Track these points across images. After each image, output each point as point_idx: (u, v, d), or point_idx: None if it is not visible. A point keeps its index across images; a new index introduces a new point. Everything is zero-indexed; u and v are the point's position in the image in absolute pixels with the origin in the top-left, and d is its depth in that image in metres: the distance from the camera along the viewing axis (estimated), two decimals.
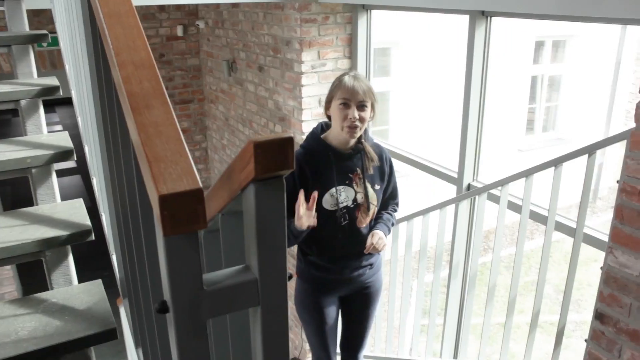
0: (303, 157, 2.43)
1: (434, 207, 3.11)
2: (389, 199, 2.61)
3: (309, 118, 4.15)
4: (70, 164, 11.68)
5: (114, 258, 1.79)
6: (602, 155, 8.95)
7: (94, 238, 1.81)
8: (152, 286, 1.22)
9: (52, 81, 2.30)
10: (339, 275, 2.57)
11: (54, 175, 2.09)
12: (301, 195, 2.25)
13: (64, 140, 2.13)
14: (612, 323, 2.07)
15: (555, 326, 2.53)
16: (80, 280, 1.92)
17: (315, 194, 2.26)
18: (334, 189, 2.42)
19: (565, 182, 2.37)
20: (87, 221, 1.85)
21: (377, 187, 2.51)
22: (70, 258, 1.86)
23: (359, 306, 2.71)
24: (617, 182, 1.98)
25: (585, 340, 2.21)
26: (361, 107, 2.32)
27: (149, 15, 5.89)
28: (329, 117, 2.44)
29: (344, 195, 2.43)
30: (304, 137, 4.17)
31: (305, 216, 2.23)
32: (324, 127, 2.52)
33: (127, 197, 1.18)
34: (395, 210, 2.66)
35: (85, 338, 1.53)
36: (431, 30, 7.93)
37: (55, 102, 17.01)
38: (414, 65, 8.06)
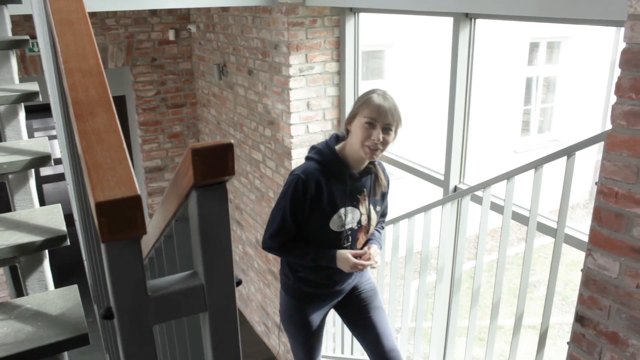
0: (321, 174, 2.31)
1: (418, 210, 3.11)
2: (381, 216, 2.58)
3: (297, 121, 4.15)
4: (59, 169, 11.68)
5: (86, 264, 1.79)
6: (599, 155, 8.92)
7: (69, 243, 1.81)
8: None
9: (32, 87, 2.30)
10: (330, 289, 2.53)
11: (31, 181, 2.09)
12: (360, 252, 2.35)
13: (42, 145, 2.13)
14: (592, 325, 2.07)
15: (551, 327, 2.52)
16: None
17: (368, 252, 2.36)
18: (343, 210, 2.35)
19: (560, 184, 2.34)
20: (62, 227, 1.85)
21: (378, 208, 2.48)
22: (46, 263, 1.86)
23: (358, 303, 2.63)
24: (596, 184, 1.98)
25: (568, 343, 2.21)
26: (386, 129, 2.22)
27: (140, 19, 5.90)
28: (347, 131, 2.33)
29: (350, 216, 2.37)
30: (293, 140, 4.18)
31: (353, 266, 2.32)
32: (338, 138, 2.41)
33: (84, 204, 1.19)
34: (383, 228, 2.65)
35: (56, 344, 1.52)
36: (424, 32, 7.93)
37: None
38: (408, 67, 8.06)
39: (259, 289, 5.51)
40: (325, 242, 2.37)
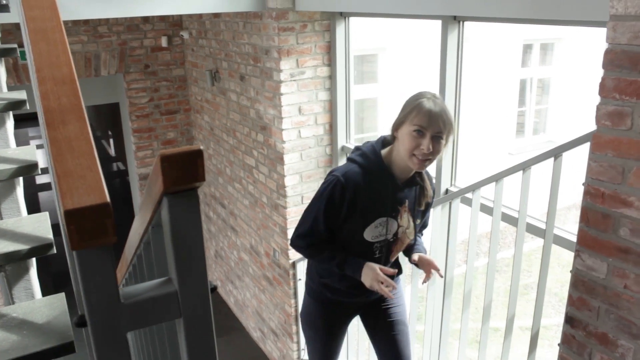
0: (362, 178, 2.14)
1: None
2: (422, 227, 2.45)
3: (289, 126, 4.16)
4: None
5: (71, 271, 1.79)
6: None
7: (55, 251, 1.81)
8: None
9: (20, 95, 2.30)
10: (355, 299, 2.40)
11: (18, 189, 2.09)
12: (390, 271, 2.14)
13: (29, 154, 2.13)
14: (582, 327, 2.07)
15: (548, 329, 2.52)
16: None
17: (394, 271, 2.16)
18: (380, 220, 2.19)
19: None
20: (49, 235, 1.84)
21: (418, 221, 2.32)
22: (33, 272, 1.86)
23: (384, 318, 2.49)
24: (583, 184, 1.98)
25: (558, 345, 2.21)
26: (437, 137, 2.02)
27: (133, 26, 5.91)
28: (394, 137, 2.15)
29: (387, 228, 2.21)
30: (285, 145, 4.18)
31: (379, 284, 2.12)
32: (385, 142, 2.23)
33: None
34: (422, 235, 2.50)
35: (41, 352, 1.52)
36: (417, 35, 7.94)
37: None
38: (401, 70, 8.07)
39: (254, 295, 5.51)
40: (356, 250, 2.22)
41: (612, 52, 1.79)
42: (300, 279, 4.55)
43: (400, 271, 2.44)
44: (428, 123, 2.00)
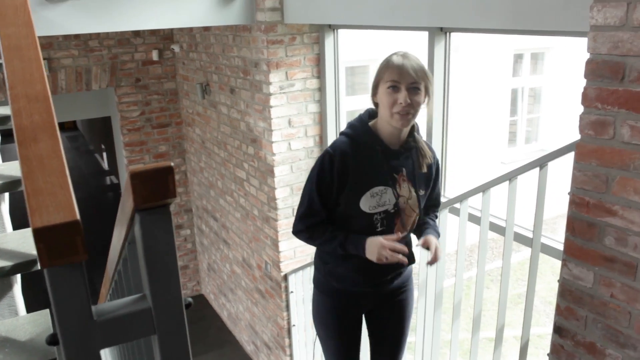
0: (349, 148, 2.11)
1: None
2: (431, 206, 2.35)
3: (279, 139, 4.16)
4: None
5: None
6: None
7: (39, 268, 1.79)
8: None
9: (5, 111, 2.30)
10: (362, 287, 2.27)
11: (3, 205, 2.08)
12: (393, 237, 2.05)
13: (15, 169, 2.12)
14: (570, 336, 2.07)
15: (543, 338, 2.52)
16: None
17: (397, 235, 2.06)
18: (375, 189, 2.12)
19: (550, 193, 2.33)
20: (33, 251, 1.84)
21: (422, 192, 2.21)
22: (17, 288, 1.85)
23: (386, 320, 2.40)
24: (568, 193, 1.98)
25: (547, 355, 2.21)
26: (413, 89, 1.99)
27: (124, 40, 5.91)
28: (376, 104, 2.12)
29: (384, 197, 2.13)
30: (275, 157, 4.18)
31: (388, 251, 2.01)
32: (371, 114, 2.18)
33: None
34: (437, 218, 2.41)
35: None
36: (407, 46, 7.97)
37: None
38: None
39: (247, 308, 5.49)
40: (357, 226, 2.15)
41: (593, 62, 1.80)
42: (292, 292, 4.54)
43: (412, 259, 2.28)
44: (399, 75, 1.99)
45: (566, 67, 9.43)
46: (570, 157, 2.17)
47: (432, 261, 2.15)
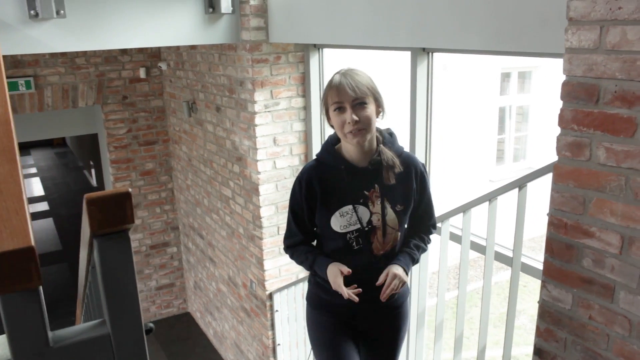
0: (315, 170, 2.15)
1: None
2: (421, 220, 2.25)
3: (264, 157, 4.16)
4: (44, 206, 11.58)
5: None
6: None
7: None
8: None
9: None
10: (344, 300, 2.10)
11: None
12: (342, 268, 2.04)
13: None
14: (550, 358, 2.06)
15: (529, 357, 2.52)
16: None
17: (345, 270, 2.03)
18: (344, 208, 2.10)
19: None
20: None
21: (400, 207, 2.14)
22: None
23: (378, 339, 2.33)
24: (547, 215, 1.99)
25: None
26: (359, 105, 1.98)
27: (111, 58, 5.92)
28: (333, 127, 2.11)
29: (354, 216, 2.10)
30: (260, 176, 4.18)
31: (343, 289, 2.01)
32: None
33: None
34: (431, 233, 2.30)
35: None
36: (393, 65, 8.02)
37: (31, 144, 16.92)
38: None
39: (232, 327, 5.45)
40: (334, 245, 2.15)
41: (569, 84, 1.81)
42: (277, 311, 4.51)
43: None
44: (340, 95, 1.98)
45: (553, 85, 9.51)
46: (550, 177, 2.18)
47: (382, 294, 2.06)
